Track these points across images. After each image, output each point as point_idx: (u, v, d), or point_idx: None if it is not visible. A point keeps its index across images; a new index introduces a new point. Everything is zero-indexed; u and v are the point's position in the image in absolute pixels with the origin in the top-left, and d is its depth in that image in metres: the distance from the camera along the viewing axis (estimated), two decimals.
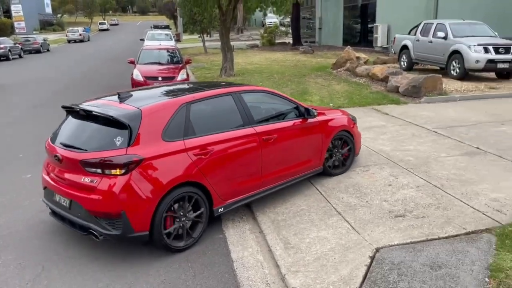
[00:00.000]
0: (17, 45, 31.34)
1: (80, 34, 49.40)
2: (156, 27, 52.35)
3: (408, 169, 5.98)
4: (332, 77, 14.91)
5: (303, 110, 5.44)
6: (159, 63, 12.94)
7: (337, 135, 5.84)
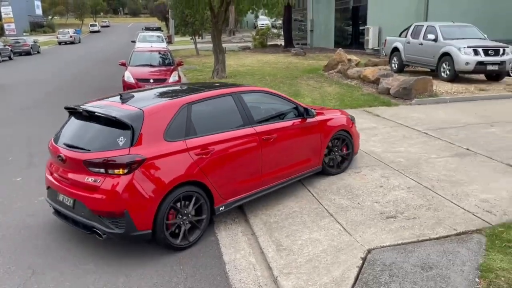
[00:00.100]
0: (7, 47, 31.08)
1: (71, 36, 49.09)
2: (147, 29, 52.35)
3: (399, 170, 6.02)
4: (323, 79, 14.97)
5: (302, 110, 5.50)
6: (151, 65, 12.87)
7: (336, 135, 5.91)
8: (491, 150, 6.75)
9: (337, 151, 6.01)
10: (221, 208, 4.53)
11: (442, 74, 12.98)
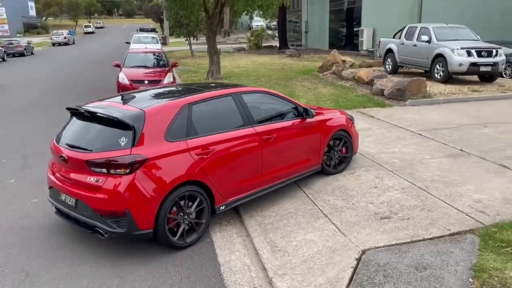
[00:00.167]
0: (0, 48, 30.89)
1: (65, 37, 48.92)
2: (142, 30, 52.20)
3: (393, 171, 6.05)
4: (318, 80, 15.00)
5: (302, 110, 5.54)
6: (145, 67, 12.84)
7: (335, 135, 5.96)
8: (484, 150, 6.79)
9: (336, 151, 6.06)
10: (221, 207, 4.57)
11: (436, 75, 13.05)
